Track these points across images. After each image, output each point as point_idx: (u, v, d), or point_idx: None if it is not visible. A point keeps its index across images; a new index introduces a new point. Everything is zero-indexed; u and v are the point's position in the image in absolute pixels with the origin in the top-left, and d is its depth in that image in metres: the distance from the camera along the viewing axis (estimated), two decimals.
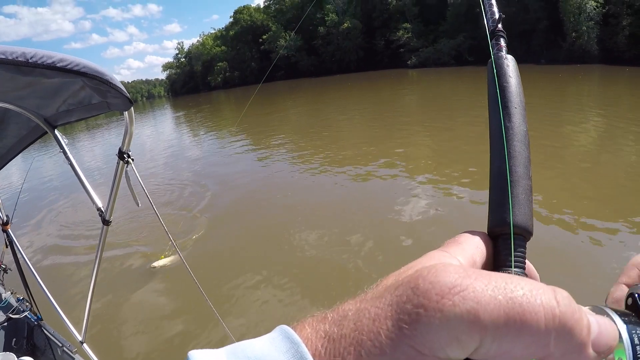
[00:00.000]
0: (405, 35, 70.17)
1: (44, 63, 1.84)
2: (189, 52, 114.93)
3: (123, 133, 2.71)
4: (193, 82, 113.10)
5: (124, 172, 2.91)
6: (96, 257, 3.60)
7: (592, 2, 49.31)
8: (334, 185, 14.60)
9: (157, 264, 9.30)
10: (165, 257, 9.42)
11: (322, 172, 16.24)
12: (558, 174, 12.85)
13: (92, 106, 2.55)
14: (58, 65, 1.88)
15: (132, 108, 2.42)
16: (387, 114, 30.63)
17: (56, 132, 3.16)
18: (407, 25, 70.86)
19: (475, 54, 62.65)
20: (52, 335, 4.64)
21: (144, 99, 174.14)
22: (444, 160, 16.19)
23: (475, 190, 12.07)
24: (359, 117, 31.37)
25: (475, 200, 11.28)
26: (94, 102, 2.46)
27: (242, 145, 24.52)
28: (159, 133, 41.26)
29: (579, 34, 50.44)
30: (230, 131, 31.78)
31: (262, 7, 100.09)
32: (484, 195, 11.08)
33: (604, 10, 49.41)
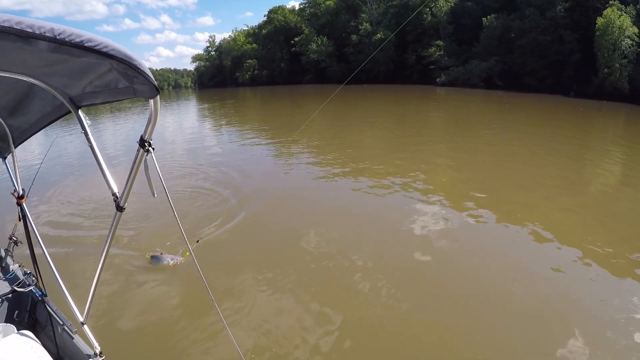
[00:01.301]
0: (437, 53, 70.56)
1: (72, 41, 1.84)
2: (220, 46, 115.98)
3: (147, 121, 2.64)
4: (221, 76, 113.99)
5: (143, 161, 2.88)
6: (106, 241, 3.58)
7: (628, 40, 49.27)
8: (350, 194, 14.92)
9: (176, 259, 9.24)
10: (186, 255, 9.29)
11: (340, 179, 16.73)
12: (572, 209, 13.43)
13: (118, 90, 2.52)
14: (86, 44, 1.88)
15: (158, 97, 2.38)
16: (410, 129, 31.09)
17: (80, 112, 3.16)
18: (440, 42, 71.22)
19: (505, 79, 62.88)
20: (54, 312, 4.64)
21: (170, 87, 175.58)
22: (461, 181, 16.56)
23: (484, 212, 12.71)
24: (382, 128, 31.78)
25: (481, 221, 12.00)
26: (121, 86, 2.43)
27: (263, 147, 24.68)
28: (181, 124, 41.71)
29: (611, 71, 50.17)
30: (254, 131, 32.24)
31: (296, 9, 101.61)
32: (490, 217, 12.39)
33: (638, 50, 49.23)
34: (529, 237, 10.95)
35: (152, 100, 2.39)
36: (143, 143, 2.74)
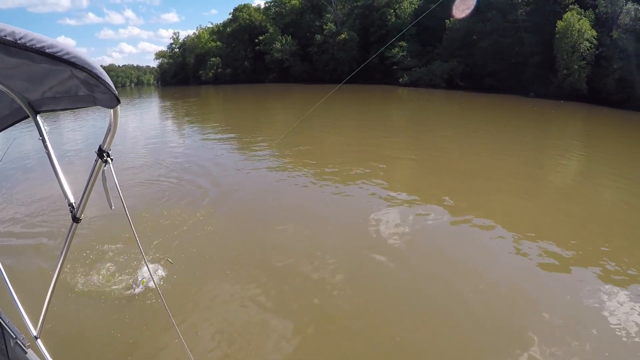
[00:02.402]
0: (400, 54, 70.34)
1: (33, 46, 1.75)
2: (184, 43, 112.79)
3: (106, 130, 2.55)
4: (184, 74, 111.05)
5: (101, 171, 2.77)
6: (62, 253, 3.40)
7: (587, 42, 50.05)
8: (311, 192, 14.97)
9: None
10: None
11: (303, 179, 16.54)
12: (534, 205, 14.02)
13: (78, 98, 2.42)
14: (47, 50, 1.79)
15: (118, 106, 2.28)
16: (372, 129, 30.58)
17: (38, 117, 3.04)
18: (404, 43, 70.87)
19: (466, 80, 63.33)
20: (7, 325, 4.29)
21: (133, 84, 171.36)
22: (423, 179, 17.03)
23: (445, 209, 13.02)
24: (345, 128, 31.33)
25: (441, 219, 12.32)
26: (81, 94, 2.33)
27: (226, 147, 24.01)
28: (142, 123, 40.00)
29: (570, 72, 51.03)
30: (216, 131, 31.18)
31: (262, 7, 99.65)
32: (451, 214, 12.56)
33: (597, 52, 50.15)
34: (488, 234, 11.27)
35: (112, 110, 2.33)
36: (101, 153, 2.66)
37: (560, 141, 26.84)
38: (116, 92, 2.14)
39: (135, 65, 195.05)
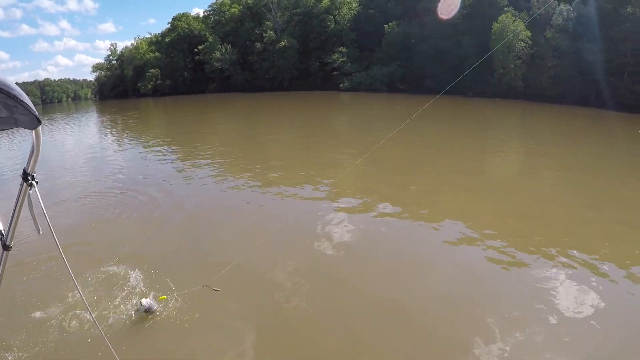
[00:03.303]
0: (340, 59, 69.40)
1: None
2: (122, 54, 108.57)
3: (29, 153, 2.45)
4: (122, 87, 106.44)
5: (26, 196, 2.61)
6: None
7: (522, 42, 50.94)
8: (258, 202, 14.75)
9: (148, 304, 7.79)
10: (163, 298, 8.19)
11: (248, 188, 16.29)
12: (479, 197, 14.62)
13: None
14: None
15: (40, 127, 2.23)
16: (316, 135, 30.17)
17: None
18: (343, 49, 70.17)
19: (406, 83, 62.89)
20: None
21: (70, 99, 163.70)
22: (367, 183, 16.80)
23: (392, 207, 13.21)
24: (289, 135, 30.59)
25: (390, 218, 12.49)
26: (2, 115, 2.16)
27: (166, 160, 23.08)
28: (80, 140, 36.86)
29: (506, 71, 51.76)
30: (157, 144, 29.54)
31: (201, 16, 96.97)
32: (401, 215, 12.71)
33: (532, 51, 51.14)
34: (433, 228, 11.56)
35: (33, 131, 2.28)
36: (26, 177, 2.56)
37: (499, 137, 27.54)
38: (37, 113, 2.05)
39: (72, 79, 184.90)
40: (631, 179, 17.72)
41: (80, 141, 34.92)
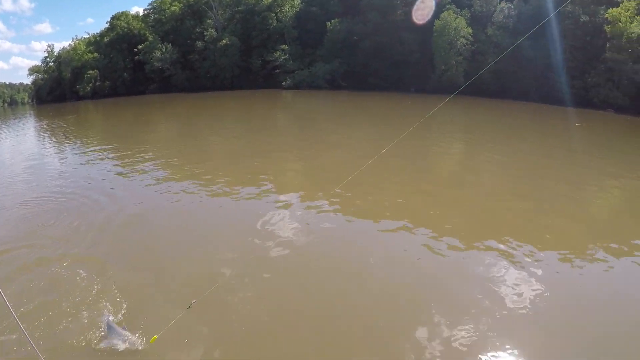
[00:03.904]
0: (282, 57, 67.22)
1: None
2: (59, 56, 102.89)
3: None
4: (60, 90, 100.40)
5: None
6: None
7: (463, 39, 50.66)
8: (200, 202, 14.35)
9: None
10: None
11: (191, 192, 15.44)
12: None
13: None
14: None
15: None
16: (258, 134, 29.49)
17: None
18: (285, 47, 67.96)
19: (349, 80, 61.72)
20: None
21: (6, 105, 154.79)
22: (310, 180, 16.71)
23: (337, 204, 13.08)
24: (231, 135, 29.69)
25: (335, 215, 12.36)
26: None
27: (107, 164, 21.60)
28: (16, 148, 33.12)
29: (448, 67, 51.32)
30: (97, 148, 27.09)
31: (140, 15, 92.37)
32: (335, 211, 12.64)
33: (473, 48, 51.15)
34: (378, 225, 11.48)
35: None
36: None
37: (442, 132, 27.91)
38: None
39: (7, 83, 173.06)
40: (568, 172, 18.17)
41: (17, 148, 32.11)
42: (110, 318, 7.29)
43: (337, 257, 9.81)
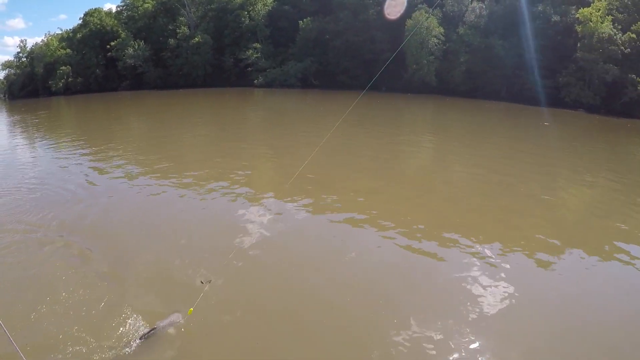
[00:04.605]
0: (254, 55, 65.16)
1: None
2: (32, 51, 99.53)
3: None
4: (33, 85, 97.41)
5: None
6: None
7: (435, 39, 49.23)
8: (177, 202, 13.78)
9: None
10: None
11: (164, 191, 15.06)
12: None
13: None
14: None
15: None
16: (229, 133, 28.90)
17: None
18: (258, 45, 65.99)
19: (320, 78, 60.46)
20: None
21: None
22: (281, 180, 16.06)
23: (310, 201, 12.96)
24: (203, 134, 29.24)
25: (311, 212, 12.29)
26: None
27: (80, 160, 20.80)
28: None
29: (419, 67, 49.94)
30: (70, 144, 25.93)
31: (113, 12, 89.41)
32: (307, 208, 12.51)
33: (444, 47, 49.77)
34: (349, 226, 11.16)
35: None
36: None
37: (412, 131, 27.87)
38: None
39: None
40: (536, 171, 17.87)
41: None
42: (162, 324, 7.17)
43: (312, 255, 9.82)
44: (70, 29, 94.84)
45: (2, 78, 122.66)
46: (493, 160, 19.87)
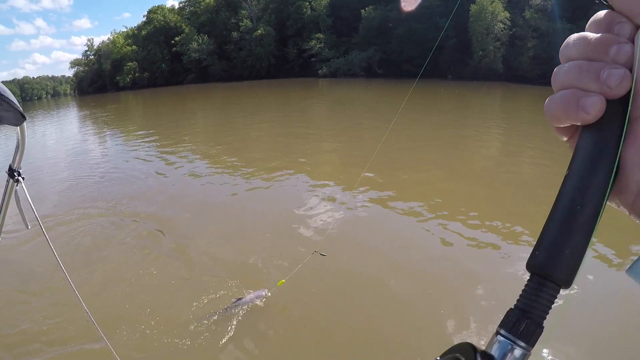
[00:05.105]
0: (318, 45, 66.44)
1: None
2: (99, 49, 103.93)
3: (14, 149, 2.41)
4: (101, 81, 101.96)
5: (13, 192, 2.55)
6: None
7: (500, 24, 48.75)
8: (237, 192, 13.54)
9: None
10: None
11: (234, 179, 15.01)
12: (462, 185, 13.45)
13: None
14: None
15: (24, 123, 2.18)
16: (295, 123, 28.34)
17: None
18: (320, 35, 67.14)
19: (384, 67, 60.54)
20: None
21: (49, 96, 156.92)
22: (347, 170, 15.69)
23: (375, 195, 12.22)
24: (268, 125, 28.36)
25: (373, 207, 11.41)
26: None
27: (149, 154, 20.67)
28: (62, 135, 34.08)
29: (485, 53, 49.70)
30: (138, 136, 26.88)
31: (176, 8, 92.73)
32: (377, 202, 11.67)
33: (510, 32, 49.01)
34: (416, 218, 10.54)
35: (18, 127, 2.23)
36: (12, 173, 2.49)
37: (481, 120, 26.37)
38: (21, 109, 1.97)
39: (50, 75, 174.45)
40: None
41: (61, 136, 32.84)
42: (248, 297, 7.10)
43: (373, 243, 9.30)
44: (134, 27, 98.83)
45: (71, 75, 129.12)
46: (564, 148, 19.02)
